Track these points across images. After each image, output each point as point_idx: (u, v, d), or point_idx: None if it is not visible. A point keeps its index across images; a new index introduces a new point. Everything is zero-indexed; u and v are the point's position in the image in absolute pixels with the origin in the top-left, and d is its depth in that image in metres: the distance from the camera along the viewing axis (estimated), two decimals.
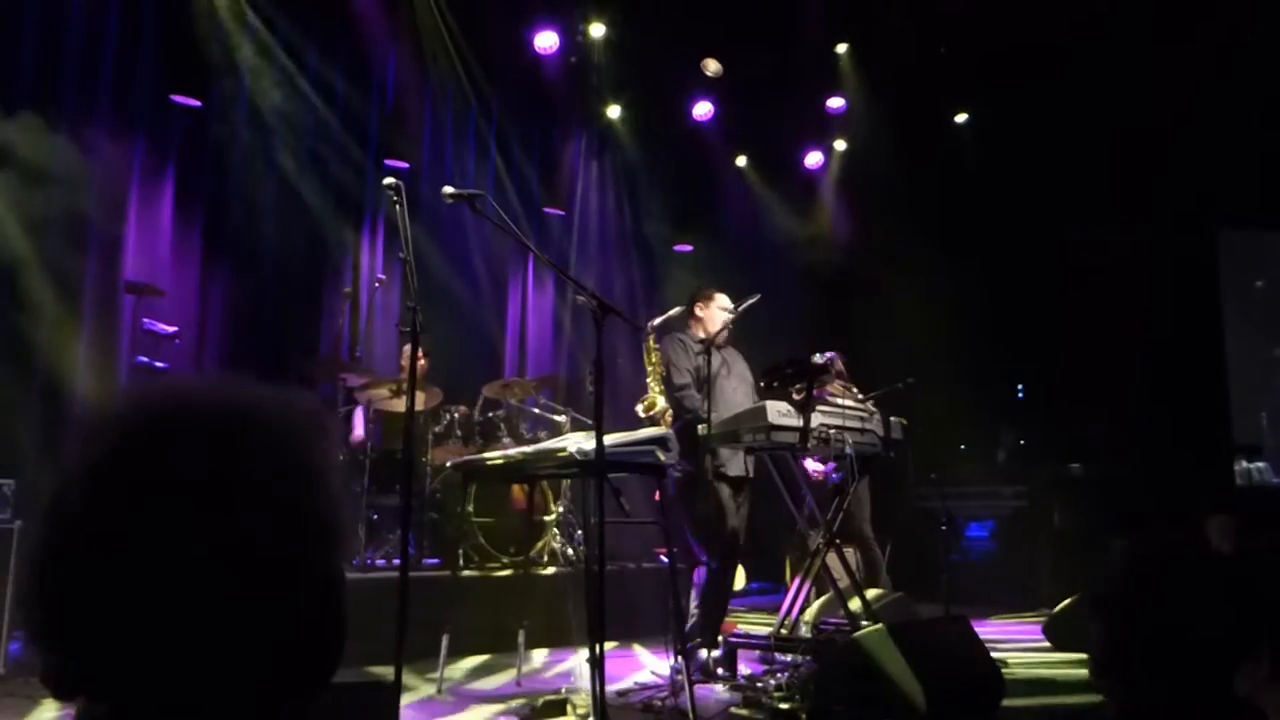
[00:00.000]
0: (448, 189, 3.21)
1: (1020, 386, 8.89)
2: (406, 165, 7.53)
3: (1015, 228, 8.23)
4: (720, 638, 4.60)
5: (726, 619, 4.90)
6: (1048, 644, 5.37)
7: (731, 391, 4.87)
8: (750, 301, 4.77)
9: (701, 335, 4.91)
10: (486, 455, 4.34)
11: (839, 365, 5.72)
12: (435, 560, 6.01)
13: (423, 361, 6.13)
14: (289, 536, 0.77)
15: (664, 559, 4.87)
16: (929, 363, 6.84)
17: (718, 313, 4.95)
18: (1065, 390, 8.01)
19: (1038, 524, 7.61)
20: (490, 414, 6.56)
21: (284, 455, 0.79)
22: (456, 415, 6.48)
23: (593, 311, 3.21)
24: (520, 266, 8.70)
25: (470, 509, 5.89)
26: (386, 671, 3.08)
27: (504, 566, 5.90)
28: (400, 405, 5.93)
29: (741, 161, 9.47)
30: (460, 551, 5.86)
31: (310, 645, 0.79)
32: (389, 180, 3.27)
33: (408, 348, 6.25)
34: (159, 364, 5.60)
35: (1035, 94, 8.00)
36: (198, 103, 6.77)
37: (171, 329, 5.80)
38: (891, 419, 4.79)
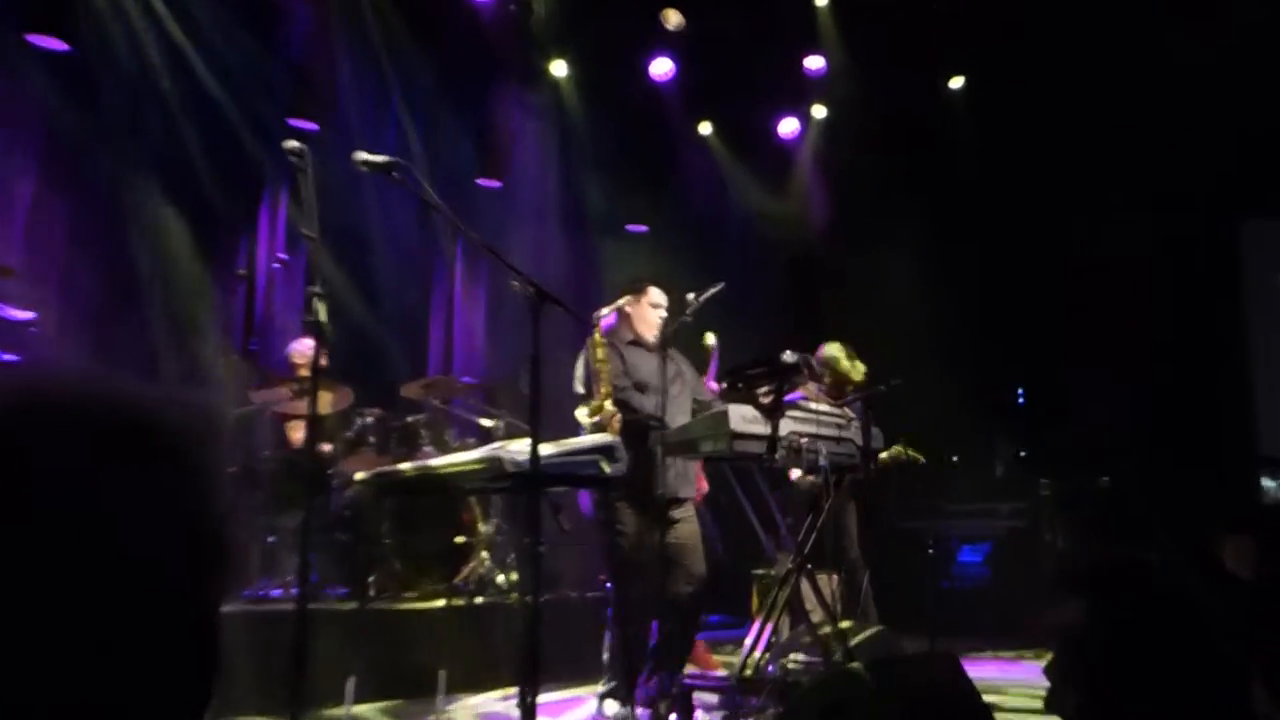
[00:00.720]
0: (361, 155, 3.19)
1: (1020, 390, 9.04)
2: (315, 127, 7.46)
3: (1016, 211, 8.37)
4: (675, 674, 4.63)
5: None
6: (1048, 685, 5.47)
7: (670, 399, 4.90)
8: (712, 291, 4.79)
9: (630, 337, 4.94)
10: (405, 466, 4.32)
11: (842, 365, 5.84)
12: (342, 590, 5.97)
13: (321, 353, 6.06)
14: (167, 556, 0.77)
15: (610, 586, 4.89)
16: (916, 362, 6.92)
17: (649, 311, 4.99)
18: (1071, 395, 8.16)
19: (1039, 547, 7.73)
20: (410, 418, 6.54)
21: (164, 463, 0.79)
22: (370, 420, 6.45)
23: (529, 300, 3.21)
24: (449, 248, 8.66)
25: (385, 529, 5.87)
26: None
27: (423, 596, 5.87)
28: (303, 408, 5.89)
29: (705, 129, 9.51)
30: (372, 579, 5.83)
31: (181, 682, 0.79)
32: (292, 144, 3.24)
33: (303, 342, 6.25)
34: (8, 356, 5.49)
35: (1040, 58, 8.10)
36: (66, 46, 6.63)
37: (27, 315, 5.69)
38: (875, 429, 4.84)
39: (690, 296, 4.84)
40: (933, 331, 7.90)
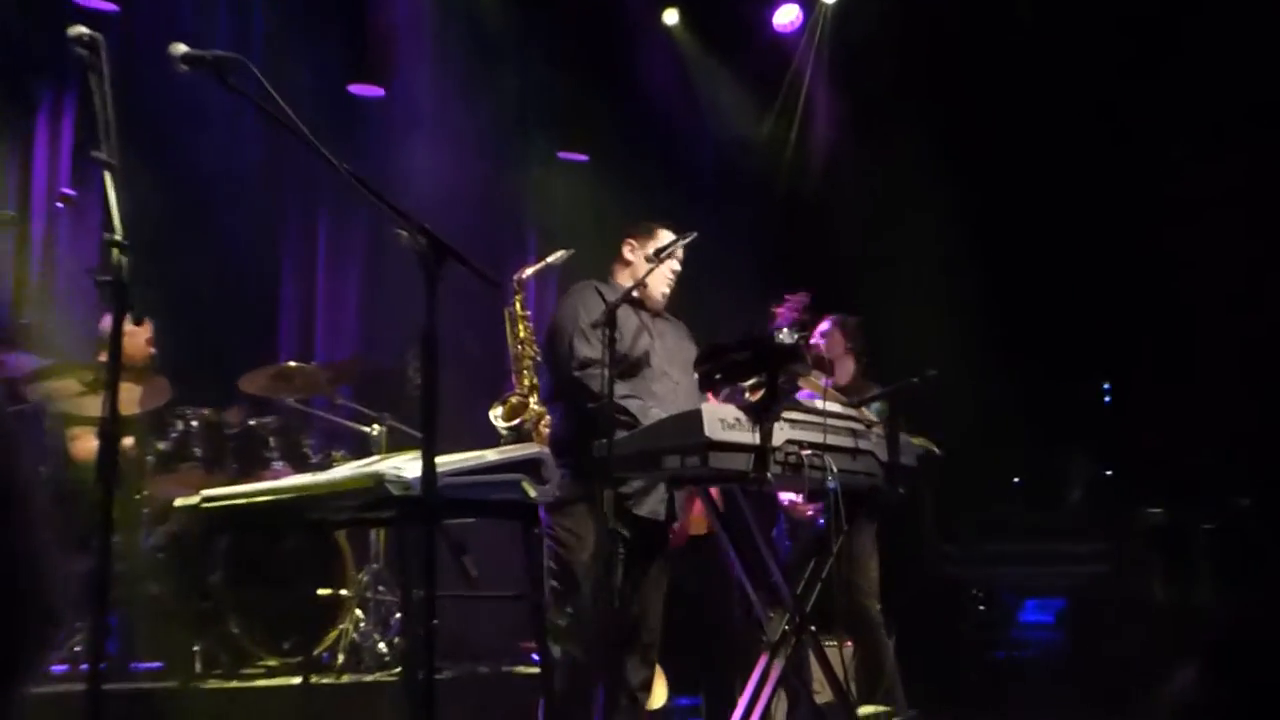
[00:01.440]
0: (180, 48, 3.15)
1: (1105, 385, 9.10)
2: (114, 7, 7.36)
3: (1094, 136, 8.39)
4: None
5: None
6: None
7: (670, 388, 4.92)
8: (680, 243, 4.80)
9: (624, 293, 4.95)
10: (246, 489, 4.28)
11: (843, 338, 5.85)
12: (155, 664, 5.94)
13: (141, 332, 6.01)
14: None
15: (537, 657, 4.89)
16: (960, 346, 6.95)
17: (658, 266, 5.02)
18: (1174, 392, 8.21)
19: (1130, 602, 7.79)
20: (254, 421, 6.53)
21: None
22: (196, 424, 6.42)
23: (421, 255, 3.18)
24: (310, 183, 8.57)
25: (217, 578, 5.83)
26: None
27: (271, 672, 5.85)
28: (96, 408, 5.79)
29: (670, 18, 9.49)
30: (198, 649, 5.82)
31: None
32: (79, 30, 3.19)
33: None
34: None
35: None
36: None
37: None
38: (905, 438, 4.87)
39: (650, 251, 4.85)
40: (982, 303, 7.92)
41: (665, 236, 5.11)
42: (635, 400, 4.72)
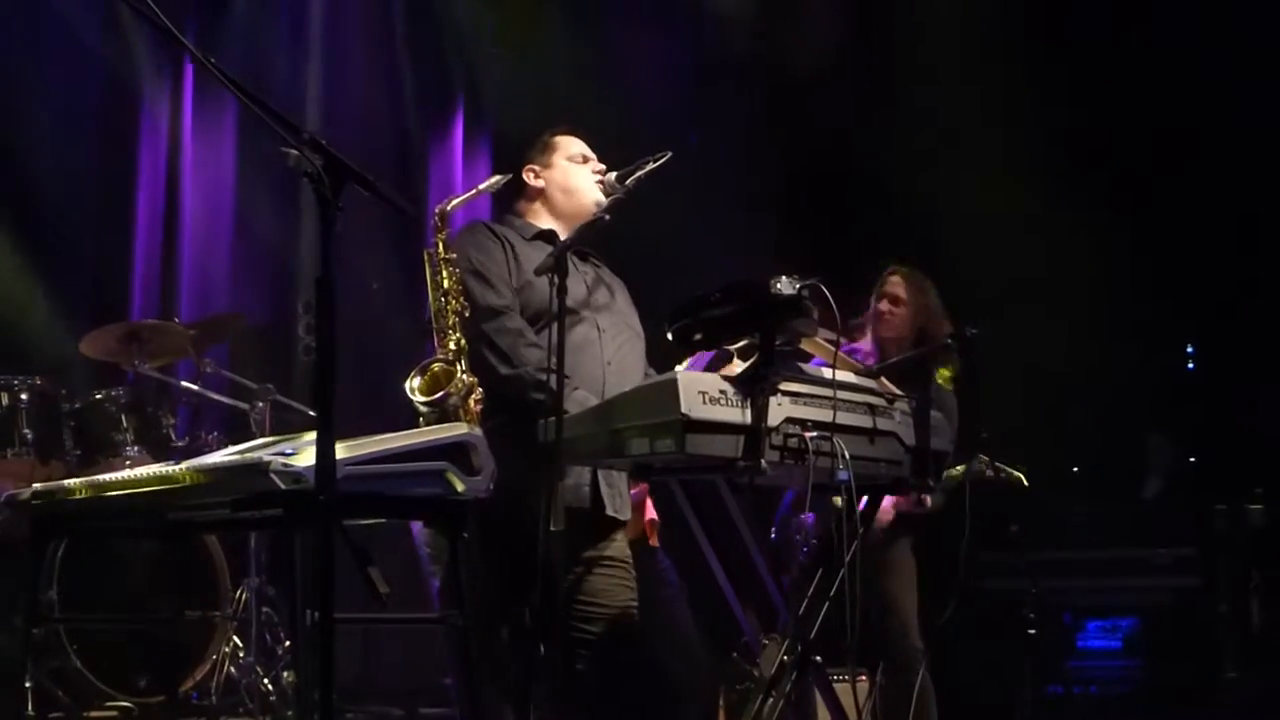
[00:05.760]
0: None
1: (1190, 349, 9.13)
2: None
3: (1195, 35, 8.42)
4: None
5: None
6: None
7: (608, 351, 4.89)
8: (649, 167, 4.77)
9: (546, 224, 4.94)
10: (90, 481, 4.27)
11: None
12: None
13: None
14: None
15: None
16: (1014, 300, 6.98)
17: (573, 172, 4.98)
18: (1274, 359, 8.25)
19: (1223, 624, 7.83)
20: (97, 395, 6.53)
21: None
22: (25, 398, 6.42)
23: (314, 179, 3.18)
24: (167, 89, 8.51)
25: (52, 595, 5.82)
26: None
27: (126, 716, 5.87)
28: None
29: None
30: (29, 685, 5.72)
31: None
32: None
33: None
34: None
35: None
36: None
37: None
38: (940, 416, 4.88)
39: (610, 177, 4.82)
40: (1040, 244, 7.94)
41: (568, 143, 5.01)
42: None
